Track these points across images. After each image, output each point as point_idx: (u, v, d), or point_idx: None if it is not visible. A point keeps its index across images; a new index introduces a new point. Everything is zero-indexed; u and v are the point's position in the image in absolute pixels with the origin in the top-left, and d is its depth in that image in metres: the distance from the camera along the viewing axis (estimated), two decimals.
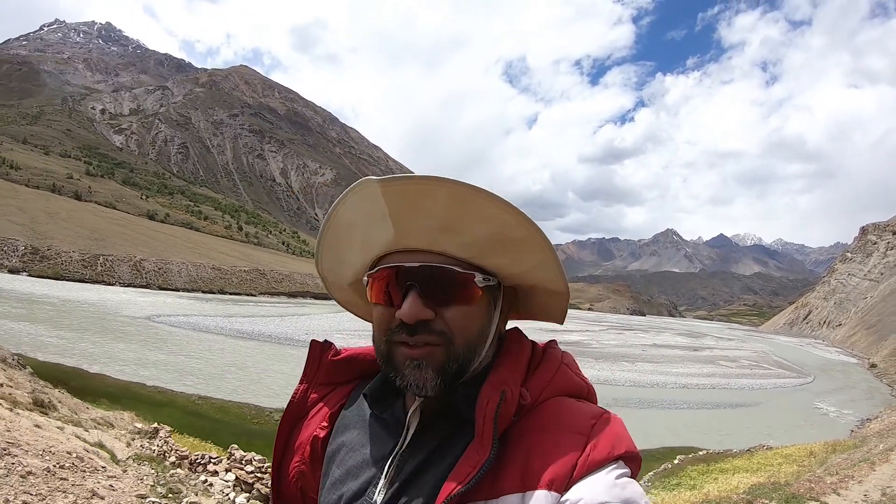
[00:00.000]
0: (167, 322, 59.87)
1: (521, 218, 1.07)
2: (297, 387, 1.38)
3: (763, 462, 23.70)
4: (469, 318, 1.14)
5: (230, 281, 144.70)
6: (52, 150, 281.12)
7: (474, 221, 1.08)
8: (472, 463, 1.03)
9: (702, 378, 61.99)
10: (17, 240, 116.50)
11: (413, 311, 1.11)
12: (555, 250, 1.12)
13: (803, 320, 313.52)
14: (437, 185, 1.05)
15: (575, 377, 1.23)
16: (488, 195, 1.05)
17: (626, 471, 1.05)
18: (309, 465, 1.32)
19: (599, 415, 1.11)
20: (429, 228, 1.11)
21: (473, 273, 1.13)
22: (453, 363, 1.13)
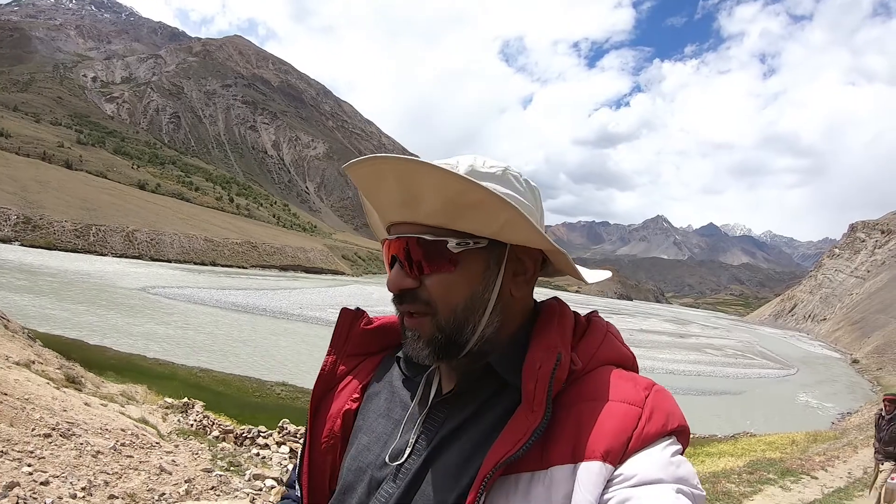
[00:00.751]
0: (162, 294, 60.31)
1: (466, 184, 1.02)
2: (326, 358, 1.36)
3: (747, 448, 24.39)
4: (451, 285, 1.11)
5: (222, 253, 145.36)
6: (43, 117, 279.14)
7: (427, 192, 1.06)
8: (523, 429, 0.99)
9: (688, 365, 63.13)
10: (9, 209, 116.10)
11: (393, 282, 1.13)
12: (518, 208, 1.05)
13: (788, 313, 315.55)
14: (381, 163, 1.06)
15: (622, 346, 1.20)
16: (428, 167, 1.03)
17: (679, 447, 1.02)
18: (339, 438, 1.31)
19: (651, 385, 1.07)
20: (394, 203, 1.12)
21: (446, 239, 1.10)
22: (440, 333, 1.12)
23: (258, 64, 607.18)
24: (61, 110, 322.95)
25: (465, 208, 1.06)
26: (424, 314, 1.12)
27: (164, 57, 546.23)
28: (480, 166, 1.13)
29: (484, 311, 1.13)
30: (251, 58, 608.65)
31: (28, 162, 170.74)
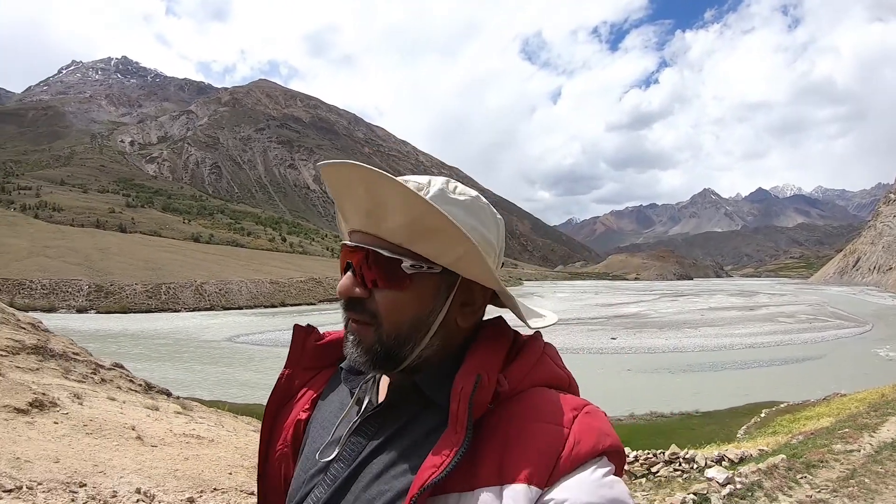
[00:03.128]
0: (249, 342, 61.14)
1: (427, 208, 1.04)
2: (282, 371, 1.39)
3: (841, 407, 24.24)
4: (398, 304, 1.12)
5: (289, 293, 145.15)
6: (90, 187, 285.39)
7: (391, 208, 1.08)
8: (446, 452, 0.99)
9: (765, 336, 63.70)
10: (80, 279, 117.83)
11: (344, 288, 1.14)
12: (476, 244, 1.07)
13: (853, 267, 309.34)
14: (351, 170, 1.08)
15: (556, 367, 1.18)
16: (393, 183, 1.05)
17: (611, 467, 1.01)
18: (291, 447, 1.33)
19: (581, 406, 1.07)
20: (359, 212, 1.14)
21: (400, 259, 1.10)
22: (379, 346, 1.12)
23: (287, 103, 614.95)
24: (106, 178, 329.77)
25: (425, 232, 1.07)
26: (368, 324, 1.13)
27: (195, 111, 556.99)
28: (451, 192, 1.14)
29: (426, 333, 1.13)
30: (279, 98, 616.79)
31: (84, 231, 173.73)
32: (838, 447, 10.72)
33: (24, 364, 11.07)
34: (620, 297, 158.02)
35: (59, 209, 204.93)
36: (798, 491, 8.61)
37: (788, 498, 8.33)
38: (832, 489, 8.44)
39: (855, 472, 9.18)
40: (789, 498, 8.33)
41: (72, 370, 12.60)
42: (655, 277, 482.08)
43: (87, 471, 6.61)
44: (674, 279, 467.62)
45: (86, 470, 6.63)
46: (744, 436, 24.23)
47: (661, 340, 60.33)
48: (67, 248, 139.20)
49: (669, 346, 55.91)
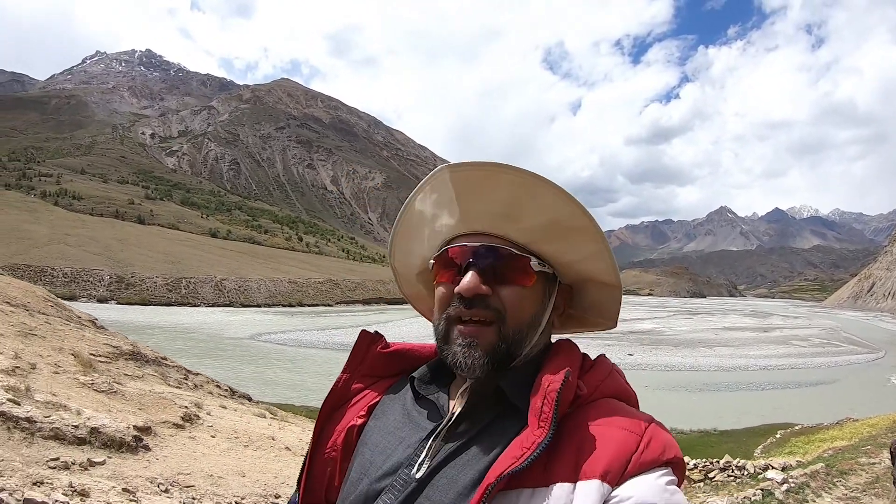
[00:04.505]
0: (271, 340, 61.20)
1: (577, 208, 1.12)
2: (340, 375, 1.40)
3: (854, 431, 24.48)
4: (523, 299, 1.17)
5: (307, 293, 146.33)
6: (110, 177, 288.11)
7: (533, 208, 1.13)
8: (527, 444, 1.02)
9: (779, 359, 63.70)
10: (101, 269, 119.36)
11: (471, 285, 1.15)
12: (608, 243, 1.17)
13: (867, 293, 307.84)
14: (500, 171, 1.11)
15: (624, 383, 1.24)
16: (548, 184, 1.11)
17: (674, 478, 1.05)
18: (340, 451, 1.33)
19: (650, 419, 1.12)
20: (491, 213, 1.17)
21: (529, 257, 1.17)
22: (503, 343, 1.15)
23: (308, 103, 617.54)
24: (126, 168, 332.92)
25: (560, 232, 1.15)
26: (489, 322, 1.16)
27: (216, 107, 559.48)
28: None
29: (538, 329, 1.21)
30: (300, 98, 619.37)
31: (103, 221, 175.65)
32: (863, 460, 12.66)
33: (130, 371, 11.43)
34: (635, 312, 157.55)
35: (79, 198, 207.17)
36: (836, 491, 10.55)
37: (829, 495, 10.30)
38: (862, 490, 10.41)
39: (878, 478, 10.91)
40: (830, 495, 10.29)
41: (168, 376, 12.97)
42: (669, 294, 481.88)
43: (272, 482, 7.11)
44: (687, 296, 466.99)
45: (271, 482, 7.13)
46: (761, 454, 24.72)
47: (678, 358, 60.57)
48: (87, 237, 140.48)
49: (685, 365, 56.29)
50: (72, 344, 11.35)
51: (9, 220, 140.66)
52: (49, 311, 16.01)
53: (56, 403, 6.61)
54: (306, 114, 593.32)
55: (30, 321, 12.27)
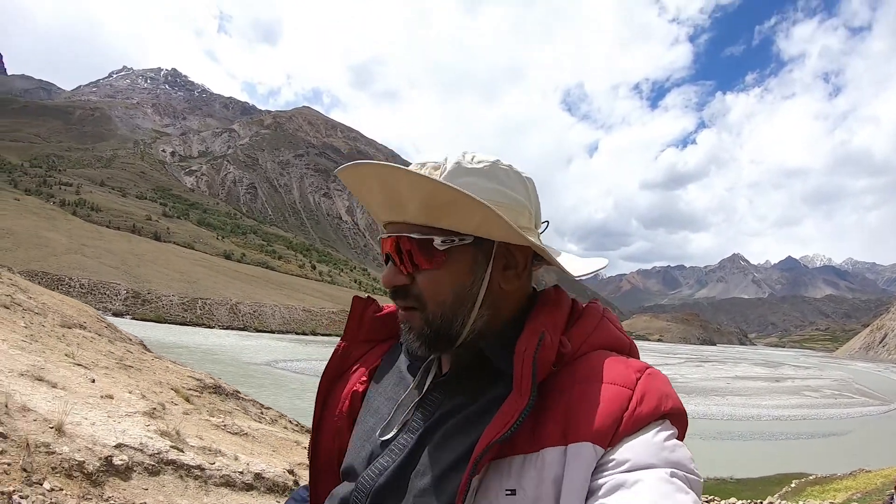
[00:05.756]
0: (289, 368, 61.31)
1: (436, 184, 1.07)
2: (338, 344, 1.41)
3: (867, 482, 25.29)
4: (438, 282, 1.14)
5: (321, 322, 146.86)
6: (129, 191, 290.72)
7: (406, 194, 1.11)
8: (511, 411, 1.00)
9: (792, 410, 64.18)
10: (119, 283, 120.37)
11: (386, 278, 1.17)
12: (490, 207, 1.07)
13: (880, 344, 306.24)
14: (363, 168, 1.11)
15: (617, 331, 1.20)
16: (398, 171, 1.08)
17: (674, 431, 1.01)
18: (346, 419, 1.34)
19: (644, 368, 1.06)
20: (381, 205, 1.17)
21: (431, 237, 1.13)
22: (428, 327, 1.14)
23: (327, 133, 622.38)
24: (145, 184, 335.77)
25: (442, 208, 1.09)
26: (415, 308, 1.16)
27: (237, 130, 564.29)
28: (467, 162, 1.16)
29: (473, 304, 1.15)
30: (320, 127, 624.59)
31: (120, 235, 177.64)
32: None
33: (223, 406, 11.62)
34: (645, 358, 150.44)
35: (98, 209, 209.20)
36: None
37: None
38: None
39: None
40: None
41: (248, 410, 13.14)
42: (679, 340, 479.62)
43: None
44: (697, 343, 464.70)
45: None
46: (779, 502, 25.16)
47: (691, 406, 59.61)
48: (104, 250, 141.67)
49: (699, 413, 56.22)
50: (164, 377, 11.60)
51: (28, 226, 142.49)
52: (104, 332, 16.28)
53: (209, 448, 6.76)
54: (325, 143, 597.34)
55: (114, 349, 12.53)
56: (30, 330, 11.06)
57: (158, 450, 5.82)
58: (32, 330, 11.18)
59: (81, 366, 8.94)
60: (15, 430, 5.00)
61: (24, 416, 5.38)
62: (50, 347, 9.74)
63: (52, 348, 9.73)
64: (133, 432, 6.14)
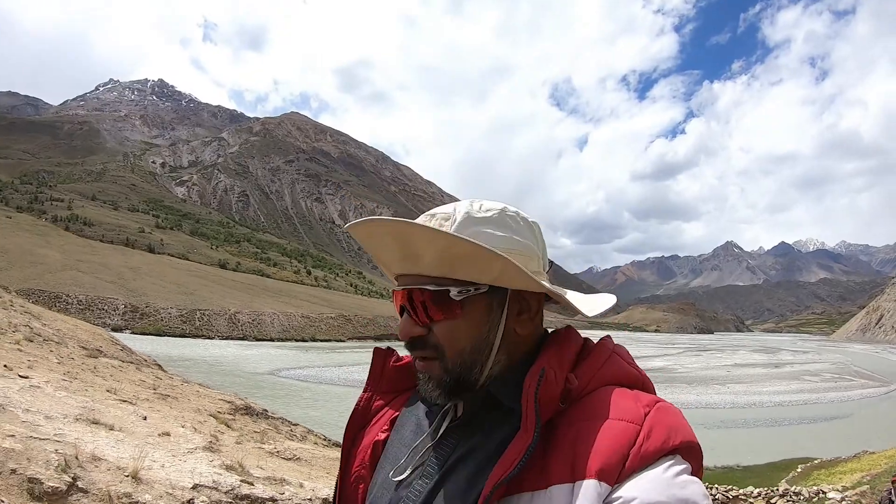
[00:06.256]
0: (292, 377, 61.10)
1: (451, 239, 1.09)
2: (361, 395, 1.43)
3: (872, 464, 25.82)
4: (455, 332, 1.16)
5: (319, 328, 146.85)
6: (121, 204, 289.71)
7: (421, 248, 1.13)
8: (517, 450, 1.01)
9: (793, 395, 63.97)
10: (117, 298, 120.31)
11: (403, 330, 1.19)
12: (507, 256, 1.11)
13: (876, 325, 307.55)
14: (375, 227, 1.14)
15: (628, 366, 1.20)
16: (413, 227, 1.11)
17: (685, 466, 0.99)
18: (369, 468, 1.35)
19: (654, 402, 1.07)
20: (395, 259, 1.19)
21: (447, 288, 1.15)
22: (448, 375, 1.17)
23: (317, 137, 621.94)
24: (136, 197, 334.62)
25: (459, 260, 1.12)
26: (434, 358, 1.18)
27: (226, 139, 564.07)
28: (476, 211, 1.17)
29: (490, 351, 1.18)
30: (309, 132, 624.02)
31: (114, 248, 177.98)
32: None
33: (257, 427, 11.79)
34: (644, 349, 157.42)
35: (90, 224, 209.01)
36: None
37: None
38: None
39: None
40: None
41: (279, 428, 13.35)
42: (676, 330, 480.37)
43: None
44: (694, 332, 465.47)
45: None
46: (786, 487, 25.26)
47: (693, 396, 60.50)
48: (99, 264, 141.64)
49: (701, 402, 56.30)
50: (198, 402, 11.79)
51: (22, 243, 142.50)
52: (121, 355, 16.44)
53: (274, 478, 6.92)
54: (315, 147, 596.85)
55: (144, 377, 12.68)
56: (63, 365, 11.24)
57: (231, 486, 6.01)
58: (66, 365, 11.36)
59: (127, 402, 9.14)
60: (94, 484, 5.19)
61: (96, 466, 5.54)
62: (89, 384, 9.91)
63: (91, 384, 9.90)
64: (201, 470, 6.35)
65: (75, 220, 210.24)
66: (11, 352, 11.07)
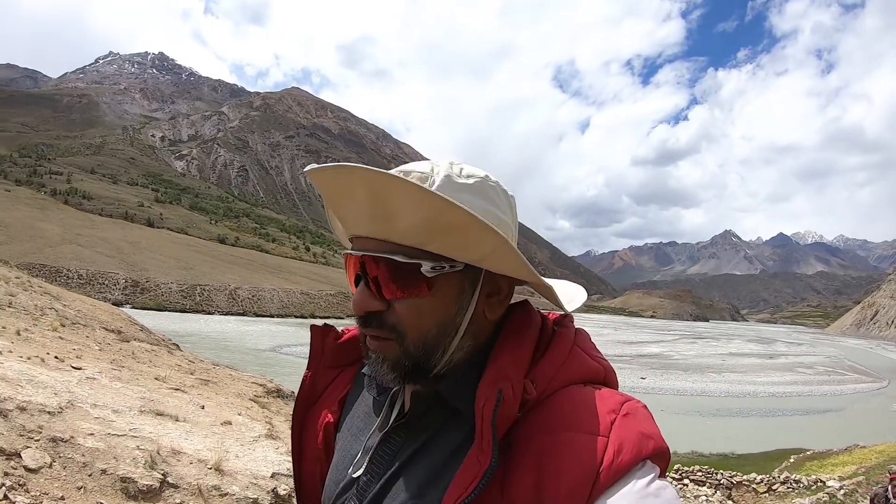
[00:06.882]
0: (294, 353, 61.31)
1: (447, 205, 0.92)
2: (304, 374, 1.33)
3: (863, 458, 26.22)
4: (421, 312, 1.01)
5: (319, 305, 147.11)
6: (120, 178, 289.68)
7: (401, 209, 0.96)
8: (474, 471, 0.90)
9: (787, 386, 65.34)
10: (117, 273, 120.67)
11: (359, 304, 1.03)
12: (506, 237, 0.95)
13: (870, 321, 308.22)
14: (348, 174, 0.95)
15: (589, 360, 1.07)
16: (403, 184, 0.92)
17: (655, 471, 0.91)
18: (324, 451, 1.28)
19: (619, 406, 0.95)
20: (362, 217, 1.01)
21: (419, 262, 0.99)
22: (407, 360, 1.02)
23: (317, 113, 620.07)
24: (135, 170, 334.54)
25: (444, 230, 0.96)
26: (389, 339, 1.03)
27: (226, 113, 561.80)
28: (457, 175, 1.03)
29: (455, 335, 1.04)
30: (310, 108, 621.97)
31: (113, 222, 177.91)
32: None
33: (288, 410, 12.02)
34: (641, 335, 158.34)
35: (89, 197, 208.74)
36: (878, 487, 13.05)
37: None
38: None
39: None
40: None
41: None
42: (671, 317, 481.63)
43: None
44: (690, 319, 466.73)
45: None
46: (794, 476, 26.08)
47: (689, 383, 61.60)
48: (99, 238, 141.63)
49: (696, 390, 57.35)
50: (235, 387, 12.08)
51: (21, 217, 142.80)
52: (145, 337, 16.76)
53: None
54: (315, 123, 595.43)
55: (180, 362, 12.99)
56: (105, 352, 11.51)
57: None
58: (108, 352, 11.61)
59: (178, 390, 9.39)
60: (182, 478, 5.42)
61: (178, 461, 5.76)
62: (137, 372, 10.16)
63: (139, 373, 10.16)
64: (271, 458, 6.67)
65: (74, 193, 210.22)
66: (53, 340, 11.29)
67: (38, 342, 10.59)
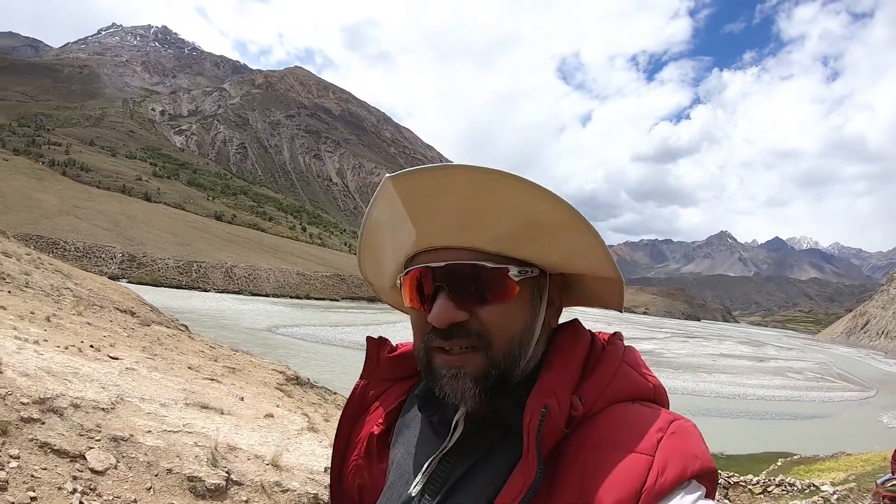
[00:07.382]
0: (289, 334, 61.37)
1: (555, 202, 0.94)
2: (357, 383, 1.34)
3: (849, 465, 26.37)
4: (508, 317, 1.01)
5: (314, 286, 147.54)
6: (118, 151, 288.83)
7: (498, 211, 0.95)
8: (519, 485, 0.91)
9: (776, 390, 65.18)
10: (114, 247, 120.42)
11: (442, 315, 0.99)
12: (598, 232, 0.99)
13: (861, 329, 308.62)
14: (450, 174, 0.94)
15: (638, 377, 1.07)
16: (513, 179, 0.92)
17: (701, 491, 0.89)
18: (364, 459, 1.28)
19: (667, 425, 0.95)
20: (449, 224, 0.99)
21: (507, 267, 1.00)
22: (494, 369, 1.00)
23: (319, 94, 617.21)
24: (134, 144, 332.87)
25: (538, 231, 0.98)
26: (475, 349, 1.01)
27: (228, 90, 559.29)
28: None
29: (531, 342, 1.05)
30: (312, 88, 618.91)
31: (111, 195, 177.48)
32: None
33: (311, 398, 12.18)
34: (632, 331, 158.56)
35: (87, 169, 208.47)
36: (867, 501, 13.67)
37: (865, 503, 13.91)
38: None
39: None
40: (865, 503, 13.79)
41: (326, 398, 13.69)
42: (664, 314, 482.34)
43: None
44: (681, 317, 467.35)
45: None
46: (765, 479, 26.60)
47: (679, 382, 61.35)
48: (96, 211, 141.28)
49: (687, 389, 57.36)
50: (258, 375, 12.23)
51: (18, 187, 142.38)
52: (151, 316, 16.88)
53: None
54: (317, 104, 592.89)
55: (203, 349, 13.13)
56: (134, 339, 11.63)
57: None
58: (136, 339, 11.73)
59: (213, 380, 9.53)
60: (244, 475, 5.49)
61: (236, 457, 5.82)
62: (170, 361, 10.28)
63: (172, 361, 10.28)
64: (319, 452, 6.82)
65: (72, 164, 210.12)
66: (82, 326, 11.33)
67: (69, 329, 10.65)
